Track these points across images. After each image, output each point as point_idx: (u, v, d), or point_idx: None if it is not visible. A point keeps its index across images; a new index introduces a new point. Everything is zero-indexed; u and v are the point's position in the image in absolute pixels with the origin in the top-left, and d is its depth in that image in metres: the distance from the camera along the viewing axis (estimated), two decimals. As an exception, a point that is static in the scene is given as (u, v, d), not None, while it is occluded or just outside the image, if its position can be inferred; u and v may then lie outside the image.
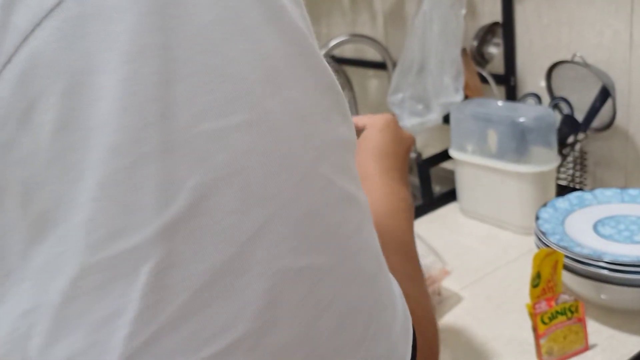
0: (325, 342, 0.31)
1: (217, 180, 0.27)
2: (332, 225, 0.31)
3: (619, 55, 1.15)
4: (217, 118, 0.27)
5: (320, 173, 0.30)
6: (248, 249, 0.28)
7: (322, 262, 0.30)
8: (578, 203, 1.01)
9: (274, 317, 0.29)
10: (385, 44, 1.52)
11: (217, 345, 0.28)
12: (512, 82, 1.32)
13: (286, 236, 0.29)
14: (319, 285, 0.30)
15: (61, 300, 0.27)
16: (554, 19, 1.22)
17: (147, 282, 0.26)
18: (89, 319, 0.27)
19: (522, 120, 1.10)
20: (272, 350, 0.29)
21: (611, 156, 1.22)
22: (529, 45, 1.28)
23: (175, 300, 0.27)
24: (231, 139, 0.27)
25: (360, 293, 0.32)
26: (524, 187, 1.12)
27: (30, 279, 0.27)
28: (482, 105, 1.19)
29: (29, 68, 0.26)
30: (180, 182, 0.26)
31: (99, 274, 0.26)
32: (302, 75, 0.31)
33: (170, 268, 0.27)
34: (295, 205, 0.29)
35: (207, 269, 0.27)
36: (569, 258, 0.86)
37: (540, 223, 0.95)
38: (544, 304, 0.79)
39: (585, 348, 0.82)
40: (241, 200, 0.28)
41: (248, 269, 0.28)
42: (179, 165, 0.26)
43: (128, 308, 0.26)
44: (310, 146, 0.30)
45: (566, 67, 1.18)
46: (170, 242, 0.26)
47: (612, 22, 1.14)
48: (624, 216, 0.97)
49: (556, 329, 0.79)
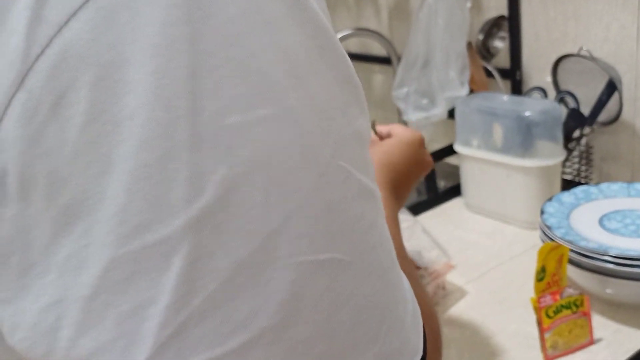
0: (343, 336, 0.31)
1: (242, 174, 0.27)
2: (351, 219, 0.31)
3: (626, 48, 1.14)
4: (242, 112, 0.27)
5: (340, 166, 0.31)
6: (272, 242, 0.28)
7: (341, 256, 0.30)
8: (584, 197, 1.00)
9: (296, 310, 0.29)
10: (389, 38, 1.52)
11: (240, 337, 0.28)
12: (517, 76, 1.31)
13: (308, 229, 0.29)
14: (338, 279, 0.30)
15: (90, 292, 0.27)
16: (560, 12, 1.21)
17: (179, 273, 0.27)
18: (118, 310, 0.27)
19: (528, 114, 1.09)
20: (292, 344, 0.29)
21: (617, 150, 1.21)
22: (535, 39, 1.27)
23: (203, 291, 0.27)
24: (256, 133, 0.27)
25: (376, 287, 0.32)
26: (529, 182, 1.12)
27: (54, 272, 0.27)
28: (487, 99, 1.19)
29: (60, 60, 0.25)
30: (208, 176, 0.26)
31: (128, 266, 0.26)
32: (322, 69, 0.31)
33: (200, 260, 0.27)
34: (317, 198, 0.29)
35: (233, 261, 0.27)
36: (575, 252, 0.85)
37: (546, 217, 0.95)
38: (549, 298, 0.79)
39: (591, 342, 0.81)
40: (265, 194, 0.28)
41: (272, 261, 0.28)
42: (206, 158, 0.26)
43: (159, 298, 0.27)
44: (329, 140, 0.30)
45: (572, 61, 1.17)
46: (199, 234, 0.27)
47: (619, 15, 1.13)
48: (630, 210, 0.96)
49: (561, 322, 0.79)
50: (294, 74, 0.29)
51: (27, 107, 0.26)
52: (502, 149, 1.13)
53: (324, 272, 0.30)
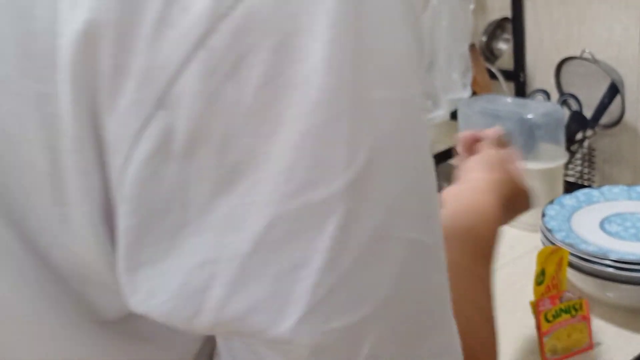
0: (412, 323, 0.32)
1: (382, 148, 0.29)
2: (435, 207, 0.33)
3: (629, 51, 1.14)
4: (383, 88, 0.29)
5: (425, 156, 0.33)
6: (394, 216, 0.30)
7: (428, 240, 0.32)
8: (585, 200, 1.00)
9: (404, 287, 0.31)
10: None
11: (369, 305, 0.29)
12: (521, 78, 1.31)
13: (414, 208, 0.31)
14: (426, 262, 0.32)
15: (250, 249, 0.28)
16: (564, 15, 1.21)
17: (332, 236, 0.28)
18: (274, 268, 0.28)
19: (530, 116, 1.09)
20: (403, 318, 0.31)
21: (620, 153, 1.21)
22: (539, 41, 1.27)
23: (349, 256, 0.28)
24: (392, 111, 0.30)
25: (442, 280, 0.34)
26: (531, 184, 1.12)
27: (209, 231, 0.28)
28: (490, 101, 1.19)
29: (244, 23, 0.27)
30: (360, 142, 0.28)
31: (289, 224, 0.28)
32: (418, 68, 0.33)
33: (350, 224, 0.28)
34: (422, 181, 0.32)
35: (371, 228, 0.29)
36: (575, 256, 0.85)
37: (546, 220, 0.95)
38: (548, 302, 0.79)
39: (590, 346, 0.81)
40: (395, 169, 0.30)
41: (394, 234, 0.30)
42: (360, 126, 0.28)
43: (314, 258, 0.28)
44: (425, 131, 0.33)
45: (575, 63, 1.17)
46: (352, 199, 0.28)
47: (623, 18, 1.13)
48: (631, 214, 0.96)
49: (560, 327, 0.79)
50: (413, 68, 0.31)
51: (208, 65, 0.27)
52: (505, 151, 1.13)
53: (421, 252, 0.31)
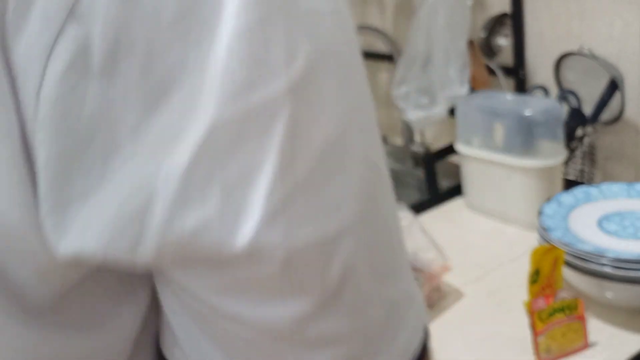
0: (381, 247, 0.32)
1: (321, 55, 0.28)
2: (378, 133, 0.33)
3: (630, 47, 1.12)
4: (318, 1, 0.29)
5: (363, 77, 0.32)
6: (349, 129, 0.29)
7: (380, 164, 0.32)
8: (584, 198, 0.99)
9: (369, 206, 0.30)
10: (394, 36, 1.50)
11: (335, 222, 0.28)
12: (521, 74, 1.29)
13: (363, 126, 0.31)
14: (382, 188, 0.32)
15: (189, 162, 0.26)
16: (564, 10, 1.20)
17: (282, 140, 0.27)
18: (221, 180, 0.26)
19: (529, 113, 1.08)
20: (370, 242, 0.30)
21: (621, 150, 1.19)
22: (539, 36, 1.26)
23: (304, 164, 0.28)
24: (327, 22, 0.29)
25: (395, 208, 0.34)
26: (530, 182, 1.10)
27: (145, 151, 0.26)
28: (488, 98, 1.17)
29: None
30: (298, 45, 0.27)
31: (231, 130, 0.26)
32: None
33: (298, 128, 0.27)
34: (365, 100, 0.31)
35: (324, 138, 0.28)
36: (571, 255, 0.84)
37: (543, 219, 0.93)
38: (542, 301, 0.77)
39: (585, 346, 0.80)
40: (337, 80, 0.29)
41: (350, 149, 0.29)
42: (296, 30, 0.28)
43: (265, 164, 0.27)
44: (356, 49, 0.32)
45: (574, 59, 1.16)
46: (296, 101, 0.27)
47: (623, 13, 1.11)
48: (630, 212, 0.95)
49: (554, 326, 0.78)
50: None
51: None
52: (503, 148, 1.12)
53: (377, 175, 0.31)
